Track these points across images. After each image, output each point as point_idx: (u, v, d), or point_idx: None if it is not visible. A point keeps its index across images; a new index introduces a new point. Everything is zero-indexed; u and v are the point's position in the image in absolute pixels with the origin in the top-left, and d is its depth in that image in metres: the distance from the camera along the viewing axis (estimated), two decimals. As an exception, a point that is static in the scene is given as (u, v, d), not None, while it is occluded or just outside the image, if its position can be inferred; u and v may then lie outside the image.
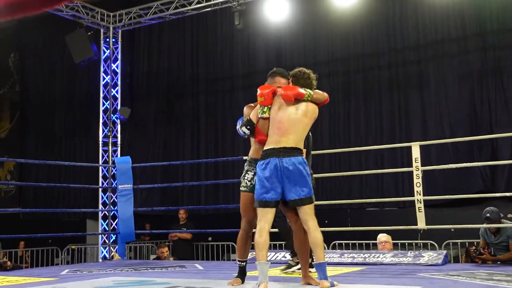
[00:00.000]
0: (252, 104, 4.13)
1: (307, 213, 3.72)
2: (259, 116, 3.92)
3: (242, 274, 4.07)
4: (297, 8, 9.69)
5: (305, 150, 3.96)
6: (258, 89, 3.94)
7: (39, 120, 13.96)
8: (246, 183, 4.02)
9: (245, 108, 4.19)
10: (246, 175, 4.05)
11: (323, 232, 3.78)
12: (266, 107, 3.89)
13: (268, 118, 3.89)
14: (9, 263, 6.26)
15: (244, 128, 3.98)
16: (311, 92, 3.98)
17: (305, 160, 3.80)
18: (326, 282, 3.61)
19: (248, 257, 4.13)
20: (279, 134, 3.80)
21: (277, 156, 3.72)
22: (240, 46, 11.30)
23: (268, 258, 3.85)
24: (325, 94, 4.05)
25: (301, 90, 3.92)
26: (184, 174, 11.52)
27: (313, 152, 4.63)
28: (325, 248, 7.64)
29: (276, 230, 4.14)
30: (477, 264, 5.08)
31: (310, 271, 4.00)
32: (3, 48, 14.87)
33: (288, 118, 3.83)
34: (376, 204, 9.55)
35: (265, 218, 3.73)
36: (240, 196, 4.07)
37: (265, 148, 3.83)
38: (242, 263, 4.09)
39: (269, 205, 3.73)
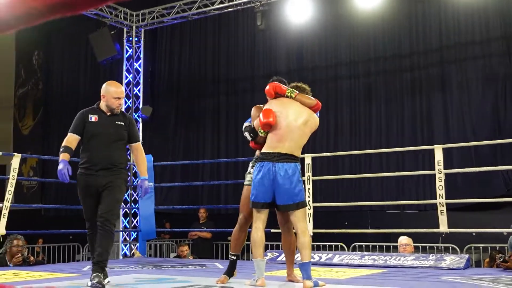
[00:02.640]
0: (261, 105, 4.21)
1: (298, 218, 3.86)
2: (259, 132, 4.03)
3: (232, 269, 4.20)
4: (319, 9, 9.67)
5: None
6: (261, 115, 3.97)
7: (62, 117, 14.08)
8: (249, 179, 4.18)
9: (253, 109, 4.26)
10: (251, 170, 4.19)
11: (343, 234, 3.84)
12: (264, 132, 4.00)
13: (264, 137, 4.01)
14: (32, 258, 6.34)
15: (246, 134, 4.16)
16: (295, 91, 4.06)
17: (299, 166, 3.91)
18: (308, 281, 3.72)
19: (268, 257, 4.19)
20: (276, 139, 3.91)
21: (271, 160, 3.85)
22: (262, 47, 11.31)
23: (279, 259, 3.96)
24: (313, 100, 4.08)
25: (283, 87, 4.05)
26: (204, 173, 11.57)
27: (333, 154, 4.72)
28: (345, 249, 7.62)
29: (279, 230, 4.26)
30: (500, 269, 5.02)
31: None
32: (27, 46, 15.06)
33: (287, 125, 3.93)
34: (396, 207, 9.50)
35: (259, 218, 3.92)
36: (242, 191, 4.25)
37: (262, 151, 3.97)
38: (233, 257, 4.22)
39: (260, 206, 3.91)
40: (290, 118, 3.93)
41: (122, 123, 4.25)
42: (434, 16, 9.64)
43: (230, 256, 4.25)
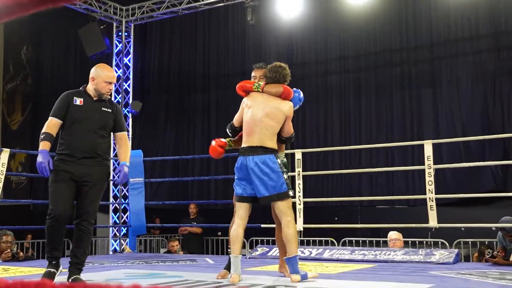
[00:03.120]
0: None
1: (279, 209, 3.88)
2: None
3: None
4: (309, 5, 9.67)
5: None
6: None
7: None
8: None
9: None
10: None
11: (333, 229, 3.85)
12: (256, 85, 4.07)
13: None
14: (21, 254, 6.30)
15: (227, 130, 4.26)
16: (260, 84, 4.08)
17: (273, 157, 3.88)
18: (295, 276, 3.75)
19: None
20: (246, 133, 3.99)
21: (243, 154, 3.93)
22: (252, 42, 11.29)
23: (269, 254, 4.01)
24: (280, 87, 4.03)
25: (248, 85, 4.09)
26: (194, 169, 11.56)
27: (323, 149, 4.73)
28: (335, 244, 7.65)
29: (269, 226, 4.27)
30: (489, 264, 5.06)
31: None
32: (16, 41, 14.95)
33: (251, 118, 3.98)
34: (386, 202, 9.54)
35: (238, 214, 3.97)
36: None
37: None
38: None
39: (240, 200, 3.96)
40: (254, 111, 3.98)
41: (109, 110, 3.95)
42: (425, 12, 9.67)
43: (229, 251, 4.26)
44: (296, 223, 4.28)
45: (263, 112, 3.94)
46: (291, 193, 3.93)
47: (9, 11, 0.94)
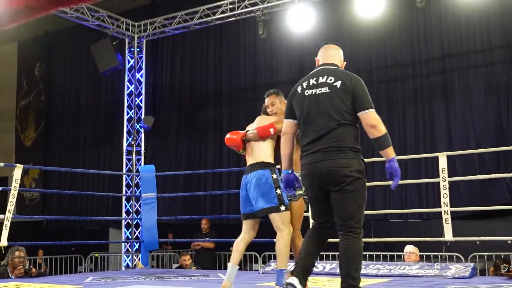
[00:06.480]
0: (265, 116, 4.46)
1: (275, 222, 4.00)
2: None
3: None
4: (321, 19, 9.67)
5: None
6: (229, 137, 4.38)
7: (64, 129, 14.12)
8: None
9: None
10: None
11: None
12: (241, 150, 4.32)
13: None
14: (34, 270, 6.30)
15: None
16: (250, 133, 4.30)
17: (268, 173, 4.03)
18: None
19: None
20: (248, 153, 4.26)
21: (245, 173, 4.18)
22: (263, 56, 11.31)
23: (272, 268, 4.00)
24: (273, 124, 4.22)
25: (271, 130, 4.19)
26: (206, 183, 11.54)
27: None
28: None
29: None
30: (506, 278, 4.98)
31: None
32: (29, 58, 15.10)
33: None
34: (400, 215, 9.45)
35: (243, 228, 4.20)
36: None
37: None
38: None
39: (243, 218, 4.20)
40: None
41: None
42: (436, 25, 9.63)
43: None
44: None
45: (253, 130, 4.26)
46: (282, 207, 3.97)
47: (20, 15, 0.94)
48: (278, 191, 3.96)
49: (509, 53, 8.98)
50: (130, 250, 9.60)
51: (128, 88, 10.62)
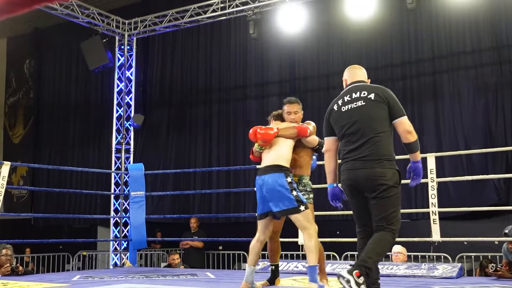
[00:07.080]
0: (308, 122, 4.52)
1: (299, 222, 4.04)
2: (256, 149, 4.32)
3: (273, 277, 4.58)
4: (312, 19, 9.67)
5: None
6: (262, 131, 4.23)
7: (53, 126, 14.05)
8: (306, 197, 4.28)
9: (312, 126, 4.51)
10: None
11: (335, 243, 3.86)
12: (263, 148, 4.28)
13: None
14: (21, 268, 6.25)
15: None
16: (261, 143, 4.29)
17: (282, 176, 4.05)
18: (313, 284, 3.89)
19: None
20: (265, 152, 4.22)
21: (259, 174, 4.16)
22: (254, 55, 11.31)
23: (281, 268, 4.14)
24: (294, 129, 4.33)
25: (308, 131, 4.36)
26: (195, 182, 11.52)
27: (320, 162, 4.85)
28: (337, 258, 7.59)
29: (290, 240, 4.35)
30: (493, 278, 5.01)
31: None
32: (19, 55, 15.01)
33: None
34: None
35: (258, 228, 4.20)
36: None
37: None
38: (272, 267, 4.65)
39: (258, 217, 4.19)
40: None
41: None
42: (426, 26, 9.67)
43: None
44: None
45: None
46: (302, 207, 4.01)
47: (2, 11, 0.93)
48: (294, 193, 4.01)
49: (498, 55, 9.03)
50: (118, 248, 9.56)
51: (118, 86, 10.58)
